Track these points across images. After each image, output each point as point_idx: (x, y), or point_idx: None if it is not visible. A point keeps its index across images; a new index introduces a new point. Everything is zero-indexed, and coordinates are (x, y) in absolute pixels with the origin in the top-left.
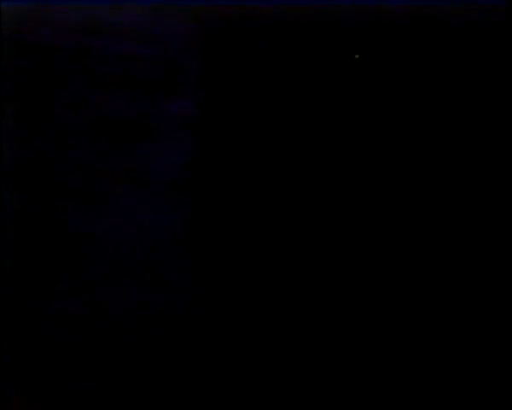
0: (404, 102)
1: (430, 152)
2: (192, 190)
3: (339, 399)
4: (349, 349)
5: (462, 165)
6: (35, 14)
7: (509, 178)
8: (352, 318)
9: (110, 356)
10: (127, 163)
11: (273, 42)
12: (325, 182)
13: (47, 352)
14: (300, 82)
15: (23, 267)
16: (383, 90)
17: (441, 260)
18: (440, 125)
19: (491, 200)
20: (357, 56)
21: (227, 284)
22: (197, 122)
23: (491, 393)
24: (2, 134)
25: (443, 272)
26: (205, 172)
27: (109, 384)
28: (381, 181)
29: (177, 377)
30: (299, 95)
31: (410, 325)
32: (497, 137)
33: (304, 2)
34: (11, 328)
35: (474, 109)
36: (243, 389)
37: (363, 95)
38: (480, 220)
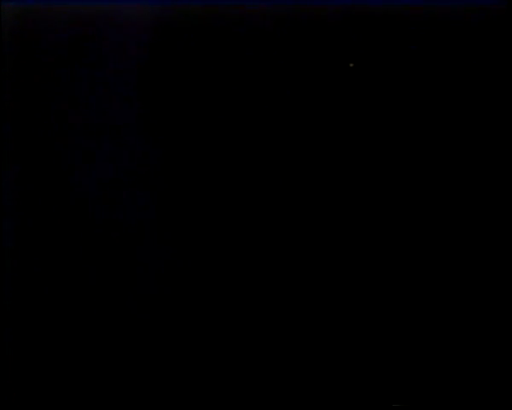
0: (403, 103)
1: (430, 152)
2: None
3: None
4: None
5: (462, 166)
6: (36, 13)
7: (509, 179)
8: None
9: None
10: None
11: (272, 42)
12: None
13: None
14: (299, 82)
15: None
16: (382, 90)
17: (440, 260)
18: (440, 126)
19: (491, 199)
20: (351, 65)
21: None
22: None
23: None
24: (2, 133)
25: (442, 272)
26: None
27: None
28: (380, 182)
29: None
30: (298, 94)
31: (410, 325)
32: (497, 137)
33: (303, 2)
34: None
35: (473, 109)
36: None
37: (361, 95)
38: (480, 220)
